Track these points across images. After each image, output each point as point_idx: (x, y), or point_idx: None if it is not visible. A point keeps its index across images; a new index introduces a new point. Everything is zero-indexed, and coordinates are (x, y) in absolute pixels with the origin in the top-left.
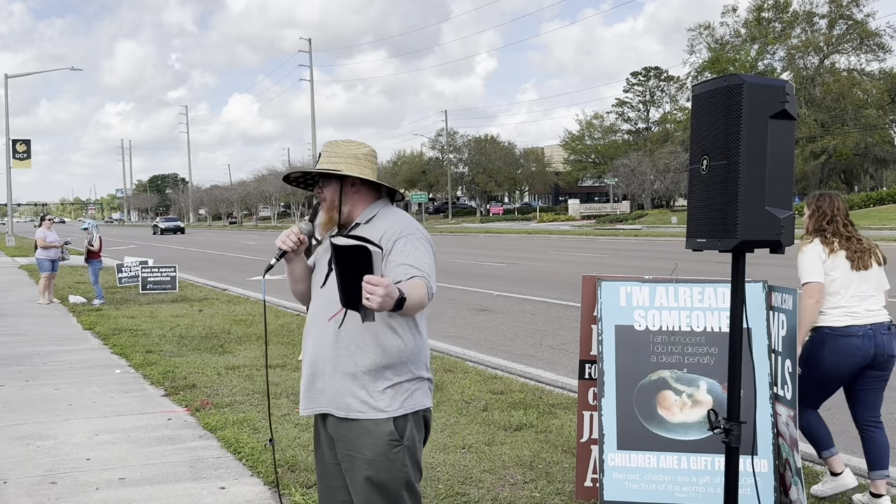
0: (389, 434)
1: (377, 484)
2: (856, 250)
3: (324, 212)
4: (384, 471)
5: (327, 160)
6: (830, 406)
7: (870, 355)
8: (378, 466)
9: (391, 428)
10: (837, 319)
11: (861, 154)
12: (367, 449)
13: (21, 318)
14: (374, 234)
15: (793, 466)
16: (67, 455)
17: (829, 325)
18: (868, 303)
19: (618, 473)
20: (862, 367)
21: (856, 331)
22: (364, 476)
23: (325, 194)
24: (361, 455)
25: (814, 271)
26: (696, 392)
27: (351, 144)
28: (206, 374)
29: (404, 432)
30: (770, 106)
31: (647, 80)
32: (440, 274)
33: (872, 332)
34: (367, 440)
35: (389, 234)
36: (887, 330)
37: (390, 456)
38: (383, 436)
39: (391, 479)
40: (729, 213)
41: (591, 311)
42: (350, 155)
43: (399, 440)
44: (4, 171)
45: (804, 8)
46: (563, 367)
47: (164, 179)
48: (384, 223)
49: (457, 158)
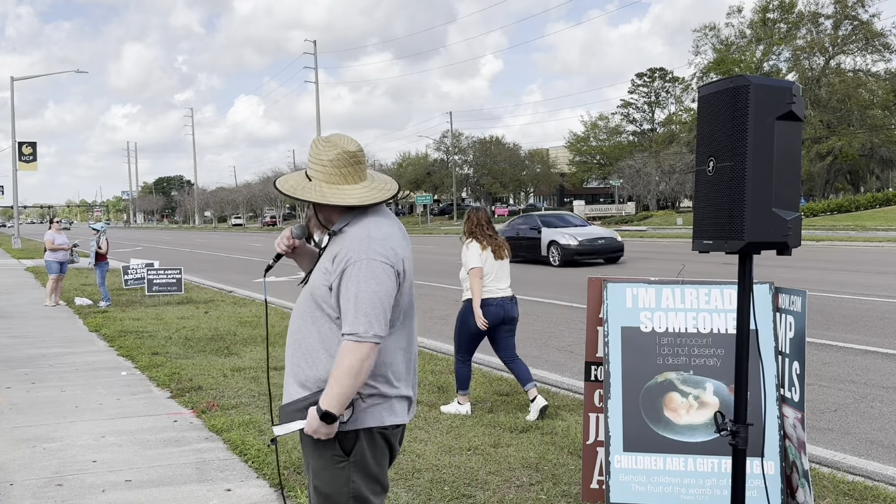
0: (332, 449)
1: (323, 495)
2: (496, 246)
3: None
4: (328, 484)
5: (309, 166)
6: (836, 408)
7: (500, 317)
8: (322, 478)
9: (334, 443)
10: (483, 294)
11: (867, 155)
12: (312, 459)
13: (27, 319)
14: (335, 249)
15: (800, 469)
16: (74, 457)
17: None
18: (501, 283)
19: (624, 475)
20: (497, 324)
21: (493, 301)
22: (312, 485)
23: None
24: (310, 463)
25: (478, 260)
26: (703, 394)
27: (325, 146)
28: (211, 376)
29: (352, 448)
30: (777, 107)
31: (652, 82)
32: (444, 276)
33: (502, 302)
34: (313, 451)
35: (341, 258)
36: (510, 300)
37: (334, 471)
38: (327, 450)
39: (336, 492)
40: (735, 214)
41: (597, 313)
42: (319, 161)
43: (343, 456)
44: (11, 173)
45: (809, 9)
46: (569, 369)
47: (170, 181)
48: (345, 240)
49: (462, 160)
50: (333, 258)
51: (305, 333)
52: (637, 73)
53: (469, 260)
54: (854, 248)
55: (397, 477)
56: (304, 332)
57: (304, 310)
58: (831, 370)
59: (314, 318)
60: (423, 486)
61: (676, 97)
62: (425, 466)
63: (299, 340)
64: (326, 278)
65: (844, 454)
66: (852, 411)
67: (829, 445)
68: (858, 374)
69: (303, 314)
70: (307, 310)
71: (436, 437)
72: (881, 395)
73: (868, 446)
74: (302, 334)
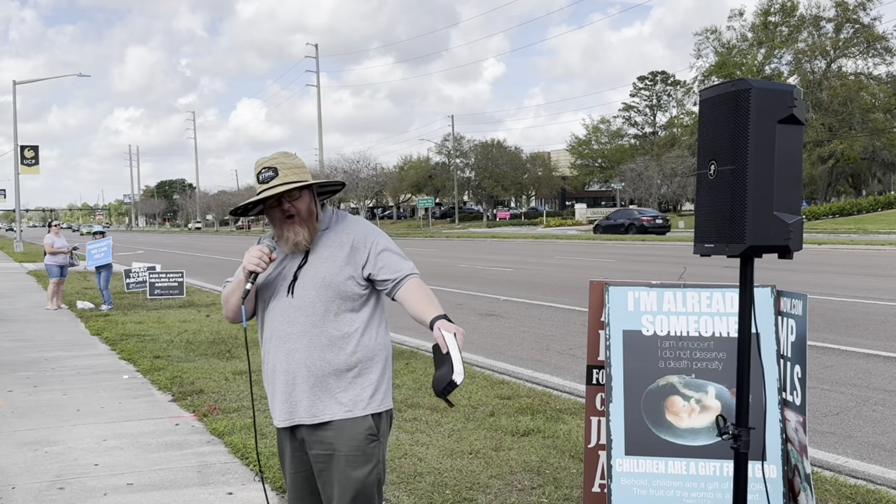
0: (367, 429)
1: (353, 480)
2: None
3: (304, 226)
4: (361, 465)
5: (291, 174)
6: (838, 412)
7: None
8: (355, 462)
9: (370, 423)
10: None
11: (869, 158)
12: (344, 447)
13: (29, 323)
14: (344, 238)
15: (802, 472)
16: (75, 460)
17: None
18: None
19: (626, 479)
20: None
21: None
22: (344, 474)
23: (301, 207)
24: (340, 453)
25: None
26: (705, 397)
27: (289, 156)
28: (213, 380)
29: (380, 427)
30: (778, 111)
31: (653, 85)
32: (445, 279)
33: None
34: (342, 437)
35: (361, 238)
36: None
37: (367, 451)
38: (360, 431)
39: (367, 473)
40: (737, 217)
41: (599, 317)
42: (301, 165)
43: (376, 436)
44: (13, 176)
45: (811, 12)
46: (571, 373)
47: (172, 185)
48: (347, 227)
49: (463, 163)
50: (352, 243)
51: (328, 325)
52: (639, 77)
53: None
54: (855, 251)
55: (399, 480)
56: (327, 325)
57: (316, 305)
58: (833, 374)
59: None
60: (424, 490)
61: (678, 100)
62: (427, 470)
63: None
64: (348, 264)
65: (846, 458)
66: (854, 415)
67: (830, 449)
68: (860, 377)
69: (314, 311)
70: (320, 304)
71: (437, 440)
72: (883, 399)
73: (870, 450)
74: (323, 327)
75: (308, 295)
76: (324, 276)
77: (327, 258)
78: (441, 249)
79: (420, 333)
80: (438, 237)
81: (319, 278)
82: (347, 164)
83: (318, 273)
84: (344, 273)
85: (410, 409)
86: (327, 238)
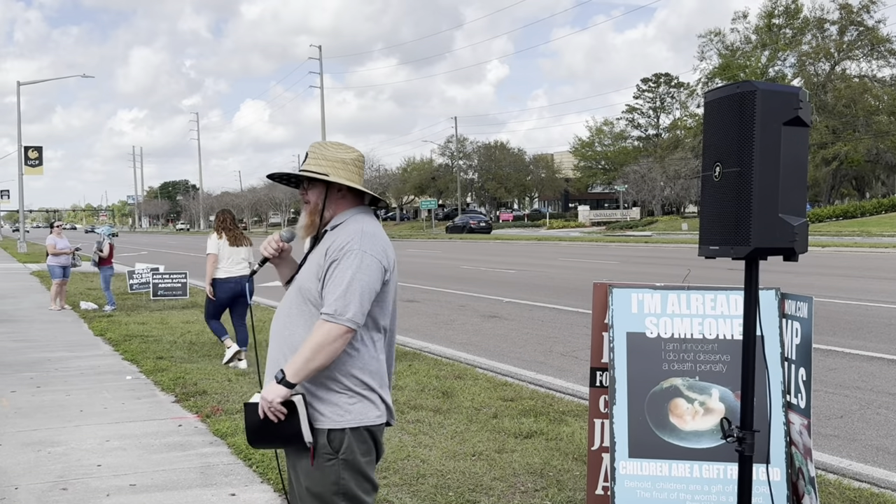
0: (322, 447)
1: (313, 494)
2: (235, 237)
3: (307, 214)
4: (318, 482)
5: (314, 163)
6: (842, 415)
7: (238, 291)
8: (313, 477)
9: (324, 441)
10: (222, 273)
11: (872, 160)
12: (301, 459)
13: (33, 323)
14: (327, 243)
15: (806, 475)
16: (78, 461)
17: (219, 276)
18: (239, 266)
19: (629, 482)
20: (233, 297)
21: (230, 279)
22: (304, 486)
23: (310, 197)
24: (297, 464)
25: (214, 247)
26: (709, 400)
27: (340, 148)
28: (216, 381)
29: (340, 446)
30: (783, 113)
31: (657, 87)
32: (449, 281)
33: (239, 279)
34: (302, 450)
35: (333, 249)
36: (246, 279)
37: (324, 469)
38: (318, 449)
39: (326, 490)
40: (742, 220)
41: (602, 319)
42: (338, 159)
43: (332, 454)
44: (17, 177)
45: (815, 14)
46: (574, 375)
47: (175, 186)
48: (341, 233)
49: (466, 165)
50: (327, 250)
51: (293, 329)
52: (642, 79)
53: (210, 247)
54: (860, 253)
55: (401, 482)
56: (292, 329)
57: (291, 307)
58: (837, 376)
59: (302, 313)
60: (427, 492)
61: (681, 102)
62: (430, 472)
63: (286, 337)
64: (318, 271)
65: (850, 461)
66: (858, 418)
67: (835, 452)
68: (864, 380)
69: (289, 312)
70: (294, 306)
71: (440, 442)
72: (887, 402)
73: (874, 453)
74: (289, 331)
75: (290, 295)
76: (300, 280)
77: (311, 261)
78: (444, 251)
79: (423, 335)
80: (441, 238)
81: (299, 280)
82: None
83: (301, 275)
84: (315, 280)
85: (413, 411)
86: (324, 240)
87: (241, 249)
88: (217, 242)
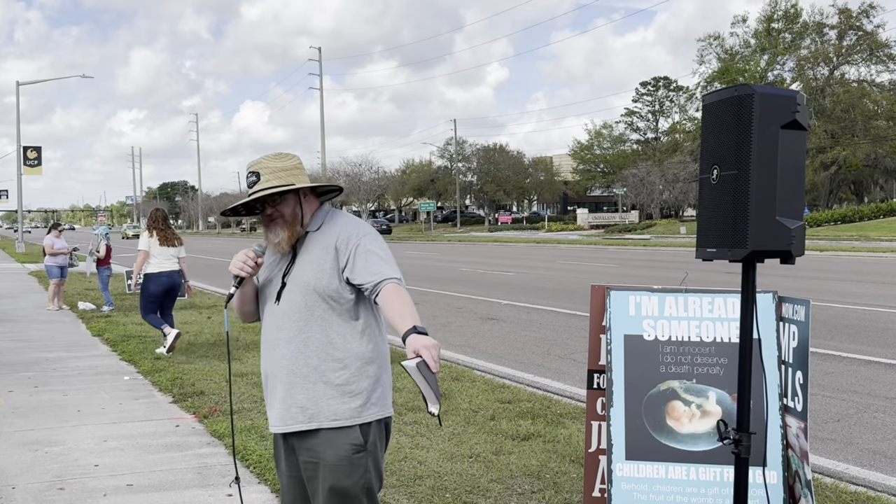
0: (352, 440)
1: (338, 490)
2: (165, 236)
3: (285, 228)
4: (346, 476)
5: (273, 177)
6: (839, 419)
7: (170, 285)
8: (339, 473)
9: (357, 434)
10: (154, 268)
11: (871, 165)
12: (329, 455)
13: (30, 324)
14: (329, 239)
15: (803, 478)
16: (76, 461)
17: (151, 271)
18: (170, 262)
19: (626, 484)
20: (166, 290)
21: (162, 274)
22: (328, 484)
23: (285, 210)
24: (326, 462)
25: (145, 244)
26: (706, 403)
27: (282, 157)
28: (214, 381)
29: (368, 438)
30: (781, 116)
31: (656, 90)
32: (447, 283)
33: (170, 274)
34: (330, 446)
35: (344, 239)
36: (177, 273)
37: (353, 462)
38: (345, 442)
39: (353, 484)
40: (739, 222)
41: (600, 321)
42: (291, 167)
43: (362, 446)
44: (16, 177)
45: (814, 19)
46: (572, 377)
47: (174, 187)
48: (334, 228)
49: (465, 167)
50: (335, 245)
51: (315, 330)
52: (641, 82)
53: (142, 244)
54: (858, 258)
55: (399, 484)
56: (314, 330)
57: (300, 311)
58: (834, 380)
59: (314, 315)
60: (424, 494)
61: (680, 106)
62: (427, 473)
63: (303, 341)
64: (330, 267)
65: (847, 464)
66: (855, 421)
67: (831, 455)
68: (861, 384)
69: (308, 315)
70: (313, 307)
71: (437, 444)
72: (884, 406)
73: (871, 457)
74: (309, 332)
75: (295, 299)
76: (308, 280)
77: (312, 261)
78: (442, 253)
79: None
80: (440, 241)
81: (304, 282)
82: (350, 167)
83: (304, 276)
84: (327, 276)
85: (411, 413)
86: (316, 239)
87: (172, 248)
88: (148, 240)
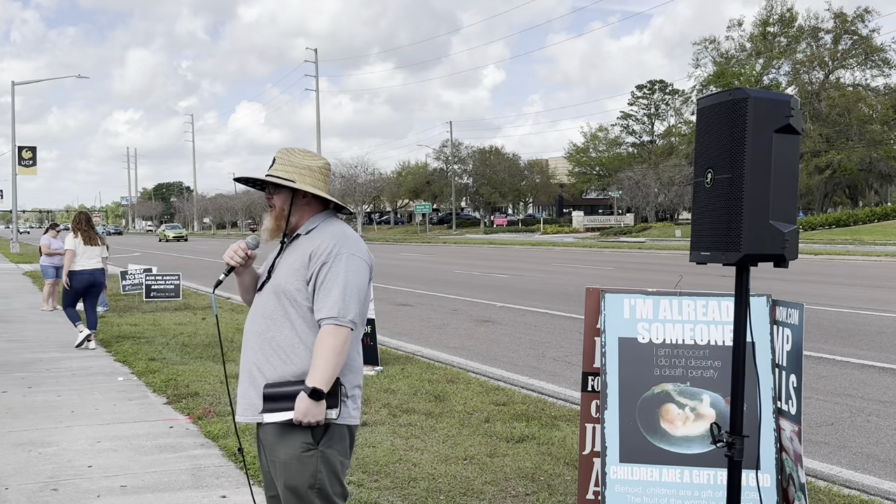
0: (302, 437)
1: (290, 488)
2: (89, 237)
3: (272, 219)
4: (296, 475)
5: (282, 168)
6: (833, 422)
7: (91, 281)
8: (290, 470)
9: (307, 433)
10: (78, 266)
11: (866, 169)
12: (280, 451)
13: (25, 324)
14: (309, 247)
15: (796, 482)
16: (69, 462)
17: (76, 269)
18: (93, 261)
19: (620, 486)
20: (88, 286)
21: (84, 271)
22: (281, 482)
23: (275, 202)
24: (278, 459)
25: (71, 244)
26: (700, 405)
27: (307, 155)
28: (208, 383)
29: (321, 437)
30: (775, 120)
31: (652, 94)
32: (442, 285)
33: (92, 272)
34: (280, 442)
35: (319, 252)
36: (100, 272)
37: (302, 460)
38: (296, 439)
39: (302, 483)
40: (733, 226)
41: (595, 324)
42: (305, 166)
43: (312, 444)
44: (10, 177)
45: (809, 23)
46: (566, 379)
47: (170, 188)
48: (319, 237)
49: (461, 169)
50: (310, 254)
51: (277, 330)
52: (637, 85)
53: (65, 245)
54: (852, 262)
55: (393, 485)
56: (275, 329)
57: (271, 309)
58: (828, 384)
59: (286, 314)
60: (418, 495)
61: (676, 109)
62: (421, 475)
63: (270, 338)
64: (301, 274)
65: (841, 468)
66: (849, 425)
67: (825, 459)
68: (855, 387)
69: (270, 314)
70: (275, 308)
71: (432, 446)
72: (877, 409)
73: (864, 460)
74: (272, 332)
75: (268, 298)
76: (280, 281)
77: (289, 264)
78: (438, 255)
79: (416, 339)
80: (435, 243)
81: (277, 282)
82: (345, 168)
83: (279, 276)
84: (295, 280)
85: (405, 415)
86: (301, 243)
87: (95, 248)
88: (74, 241)
